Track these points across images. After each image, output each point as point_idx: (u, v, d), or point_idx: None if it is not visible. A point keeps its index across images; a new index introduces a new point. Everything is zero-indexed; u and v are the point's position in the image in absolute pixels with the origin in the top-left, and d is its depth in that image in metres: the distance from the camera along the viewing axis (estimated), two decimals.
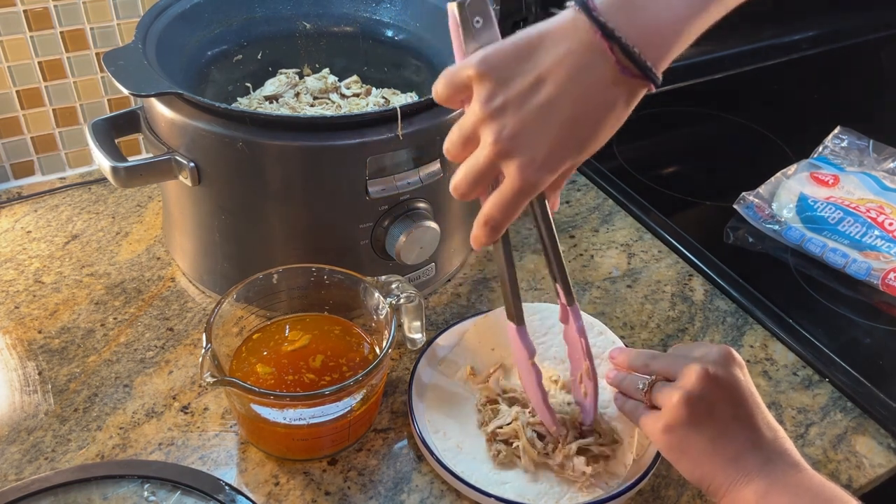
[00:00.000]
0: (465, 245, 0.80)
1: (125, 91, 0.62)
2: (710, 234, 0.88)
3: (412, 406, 0.63)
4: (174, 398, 0.66)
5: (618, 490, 0.58)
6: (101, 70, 0.86)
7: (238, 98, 0.81)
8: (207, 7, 0.77)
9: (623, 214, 0.90)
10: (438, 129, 0.64)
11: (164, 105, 0.65)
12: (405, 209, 0.68)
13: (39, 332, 0.71)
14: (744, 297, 0.79)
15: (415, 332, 0.67)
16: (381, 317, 0.63)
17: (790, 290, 0.81)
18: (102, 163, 0.65)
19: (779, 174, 0.93)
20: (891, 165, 0.94)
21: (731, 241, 0.88)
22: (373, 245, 0.69)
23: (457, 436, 0.62)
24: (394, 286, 0.63)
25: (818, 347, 0.74)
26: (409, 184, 0.66)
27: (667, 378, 0.56)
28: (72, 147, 0.90)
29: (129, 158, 0.65)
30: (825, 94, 1.22)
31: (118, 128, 0.70)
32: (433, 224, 0.68)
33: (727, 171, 1.03)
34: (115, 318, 0.73)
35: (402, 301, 0.62)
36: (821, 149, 0.98)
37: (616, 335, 0.69)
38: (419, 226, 0.67)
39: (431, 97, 0.51)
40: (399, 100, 0.81)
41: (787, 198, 0.89)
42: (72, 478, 0.54)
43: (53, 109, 0.87)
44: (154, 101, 0.66)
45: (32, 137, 0.88)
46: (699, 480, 0.53)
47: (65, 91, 0.86)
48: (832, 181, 0.90)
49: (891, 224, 0.83)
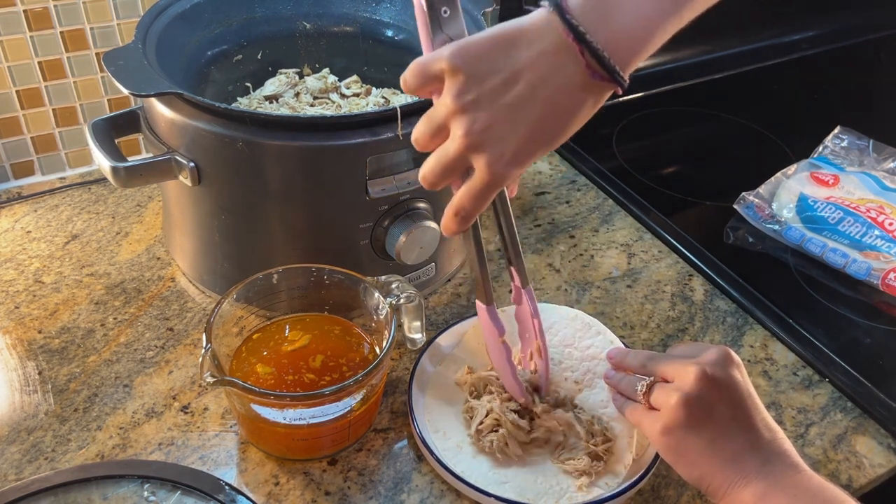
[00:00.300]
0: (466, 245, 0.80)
1: (125, 91, 0.61)
2: (710, 234, 0.88)
3: (412, 406, 0.63)
4: (174, 398, 0.66)
5: (618, 490, 0.58)
6: (101, 70, 0.86)
7: (238, 98, 0.81)
8: (207, 7, 0.77)
9: (623, 214, 0.90)
10: None
11: (164, 105, 0.65)
12: (405, 209, 0.68)
13: (39, 332, 0.71)
14: (744, 297, 0.79)
15: (415, 332, 0.67)
16: (381, 317, 0.63)
17: (790, 290, 0.81)
18: (102, 163, 0.65)
19: (779, 174, 0.93)
20: (891, 165, 0.94)
21: (731, 241, 0.88)
22: (373, 245, 0.69)
23: (457, 436, 0.62)
24: (394, 286, 0.63)
25: (818, 347, 0.74)
26: (409, 184, 0.67)
27: (665, 379, 0.56)
28: (72, 147, 0.90)
29: (129, 158, 0.65)
30: (825, 94, 1.22)
31: (118, 128, 0.70)
32: (433, 224, 0.68)
33: (727, 171, 1.03)
34: (115, 318, 0.73)
35: (402, 301, 0.62)
36: (821, 149, 0.98)
37: (616, 335, 0.69)
38: (419, 226, 0.67)
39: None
40: (399, 100, 0.81)
41: (787, 198, 0.89)
42: (72, 478, 0.54)
43: (53, 109, 0.87)
44: (154, 101, 0.66)
45: (32, 137, 0.88)
46: (698, 481, 0.53)
47: (65, 91, 0.87)
48: (832, 181, 0.90)
49: (891, 224, 0.83)
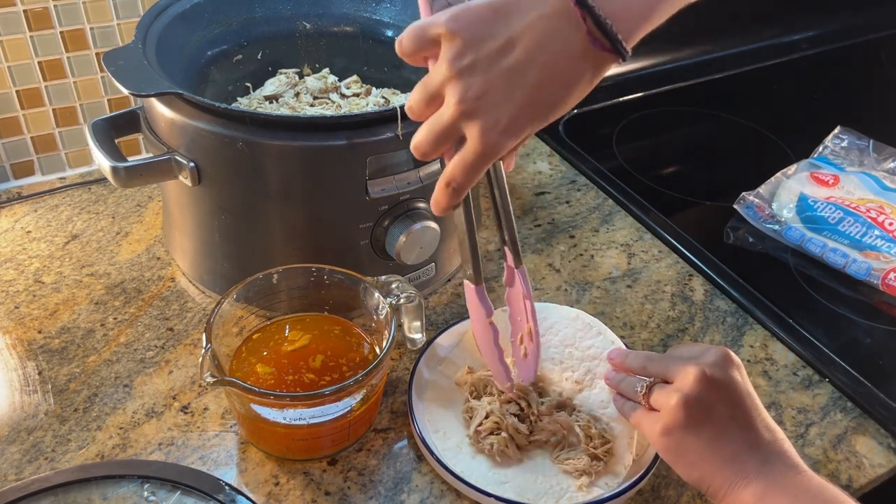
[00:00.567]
0: None
1: (125, 91, 0.62)
2: (710, 234, 0.88)
3: (412, 406, 0.63)
4: (174, 398, 0.66)
5: (618, 490, 0.58)
6: (101, 70, 0.86)
7: (238, 98, 0.81)
8: (207, 7, 0.77)
9: (623, 214, 0.90)
10: None
11: (164, 105, 0.65)
12: (405, 209, 0.68)
13: (39, 332, 0.71)
14: (744, 297, 0.79)
15: (415, 332, 0.67)
16: (381, 317, 0.63)
17: (790, 290, 0.81)
18: (102, 163, 0.65)
19: (779, 174, 0.93)
20: (891, 165, 0.94)
21: (731, 241, 0.88)
22: (373, 245, 0.69)
23: (457, 436, 0.62)
24: (394, 286, 0.63)
25: (818, 347, 0.74)
26: (409, 184, 0.67)
27: (664, 380, 0.56)
28: (72, 147, 0.90)
29: (129, 158, 0.65)
30: (825, 94, 1.22)
31: (118, 128, 0.70)
32: (433, 224, 0.68)
33: (727, 171, 1.03)
34: (115, 318, 0.73)
35: (402, 301, 0.62)
36: (821, 149, 0.98)
37: (616, 335, 0.69)
38: (419, 226, 0.67)
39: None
40: (399, 100, 0.81)
41: (787, 198, 0.89)
42: (72, 478, 0.54)
43: (53, 109, 0.87)
44: (154, 101, 0.66)
45: (32, 137, 0.88)
46: (698, 482, 0.53)
47: (65, 91, 0.87)
48: (832, 181, 0.90)
49: (891, 224, 0.83)
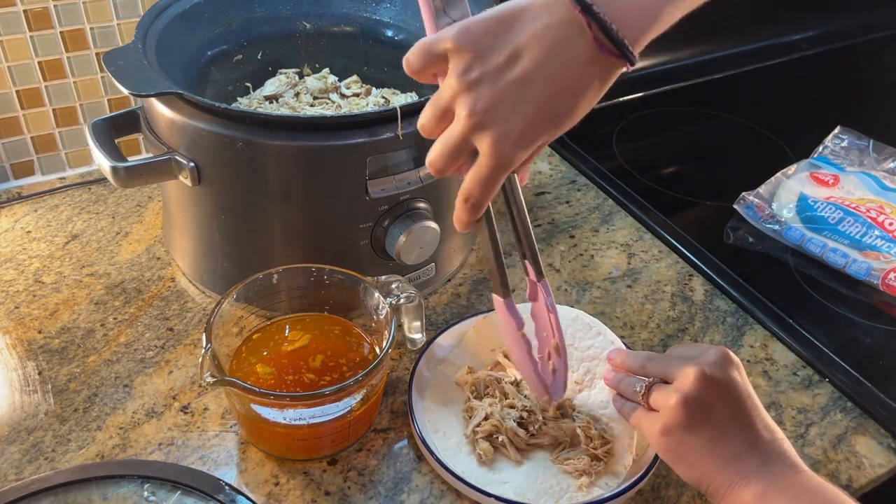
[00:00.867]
0: (465, 245, 0.80)
1: (125, 91, 0.62)
2: (710, 234, 0.88)
3: (412, 406, 0.63)
4: (174, 398, 0.66)
5: (618, 490, 0.58)
6: (101, 70, 0.86)
7: (238, 98, 0.81)
8: (207, 7, 0.77)
9: (623, 214, 0.90)
10: None
11: (164, 105, 0.65)
12: (405, 209, 0.68)
13: (39, 332, 0.71)
14: (744, 297, 0.79)
15: (415, 332, 0.67)
16: (381, 317, 0.63)
17: (790, 290, 0.81)
18: (102, 163, 0.65)
19: (779, 174, 0.93)
20: (891, 165, 0.94)
21: (731, 241, 0.88)
22: (373, 245, 0.69)
23: (457, 436, 0.63)
24: (394, 286, 0.63)
25: (818, 347, 0.74)
26: (409, 184, 0.66)
27: (664, 380, 0.56)
28: (72, 147, 0.90)
29: (129, 158, 0.65)
30: (825, 94, 1.22)
31: (118, 128, 0.70)
32: (433, 224, 0.68)
33: (727, 171, 1.03)
34: (115, 318, 0.73)
35: (402, 301, 0.62)
36: (821, 149, 0.98)
37: (616, 335, 0.69)
38: (419, 226, 0.67)
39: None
40: (399, 100, 0.81)
41: (787, 198, 0.89)
42: (72, 478, 0.54)
43: (53, 109, 0.87)
44: (154, 101, 0.66)
45: (32, 137, 0.88)
46: (697, 482, 0.53)
47: (65, 91, 0.87)
48: (832, 181, 0.90)
49: (891, 224, 0.83)
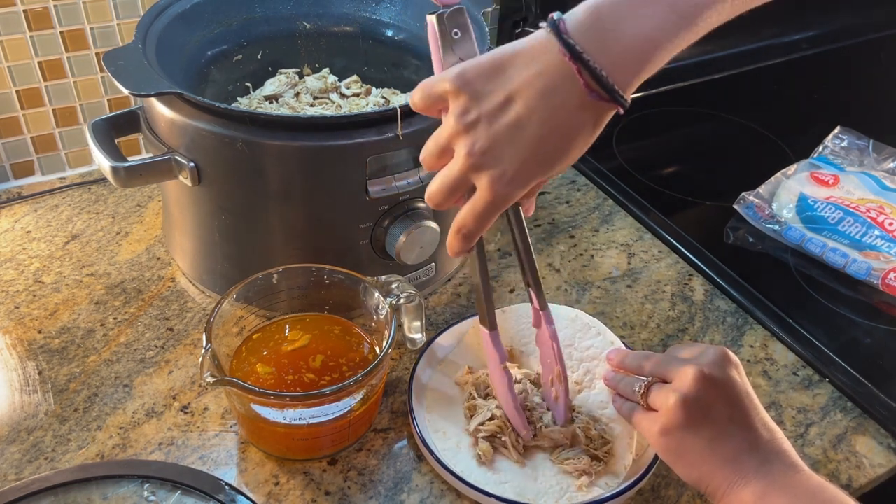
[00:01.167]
0: None
1: (125, 91, 0.61)
2: (710, 234, 0.88)
3: (412, 406, 0.63)
4: (174, 398, 0.66)
5: (618, 490, 0.58)
6: (101, 70, 0.86)
7: (238, 98, 0.81)
8: (207, 7, 0.77)
9: (623, 214, 0.90)
10: None
11: (164, 105, 0.65)
12: (405, 209, 0.68)
13: (39, 332, 0.71)
14: (744, 297, 0.79)
15: (415, 332, 0.67)
16: (381, 317, 0.63)
17: (790, 290, 0.81)
18: (102, 163, 0.65)
19: (779, 174, 0.93)
20: (891, 165, 0.94)
21: (731, 241, 0.88)
22: (373, 245, 0.69)
23: (456, 435, 0.63)
24: (394, 286, 0.63)
25: (818, 347, 0.74)
26: (409, 184, 0.67)
27: (663, 380, 0.56)
28: (72, 147, 0.90)
29: (129, 158, 0.65)
30: (825, 94, 1.22)
31: (118, 128, 0.70)
32: (433, 224, 0.68)
33: (727, 171, 1.03)
34: (115, 318, 0.73)
35: (402, 301, 0.62)
36: (821, 149, 0.98)
37: (616, 335, 0.69)
38: (419, 226, 0.67)
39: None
40: (399, 100, 0.81)
41: (787, 198, 0.89)
42: (72, 478, 0.54)
43: (53, 109, 0.87)
44: (154, 101, 0.66)
45: (32, 137, 0.88)
46: (697, 482, 0.53)
47: (65, 91, 0.87)
48: (832, 181, 0.90)
49: (891, 224, 0.83)
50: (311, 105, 0.79)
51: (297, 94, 0.81)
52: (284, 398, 0.58)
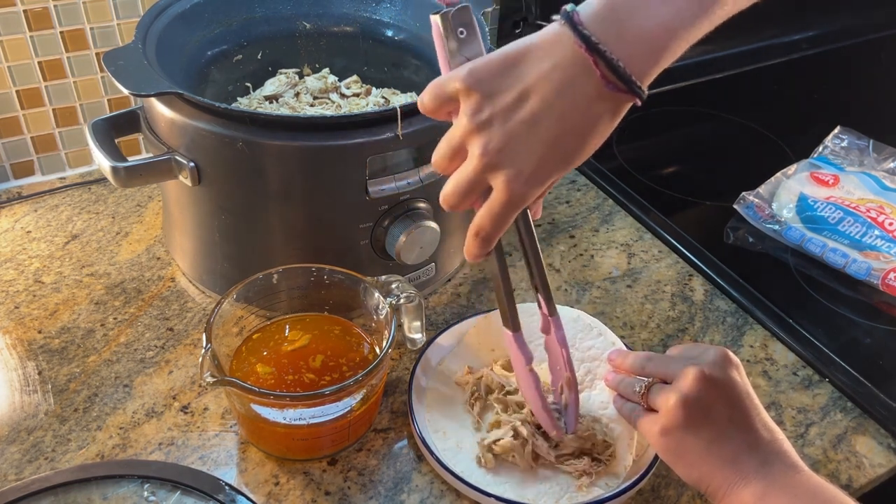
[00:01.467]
0: None
1: (125, 91, 0.61)
2: (710, 234, 0.88)
3: (412, 406, 0.63)
4: (174, 398, 0.66)
5: (618, 490, 0.58)
6: (101, 70, 0.86)
7: (238, 98, 0.81)
8: (207, 7, 0.77)
9: (623, 214, 0.90)
10: (438, 129, 0.64)
11: (164, 105, 0.65)
12: (405, 209, 0.68)
13: (39, 332, 0.71)
14: (744, 297, 0.79)
15: (415, 332, 0.67)
16: (381, 317, 0.63)
17: (790, 290, 0.81)
18: (102, 163, 0.65)
19: (779, 174, 0.93)
20: (891, 165, 0.94)
21: (731, 241, 0.88)
22: (373, 245, 0.69)
23: (456, 435, 0.63)
24: (394, 286, 0.63)
25: (818, 347, 0.74)
26: (409, 184, 0.67)
27: (664, 380, 0.57)
28: (72, 147, 0.90)
29: (129, 158, 0.65)
30: (825, 94, 1.22)
31: (118, 128, 0.70)
32: (433, 224, 0.68)
33: (727, 171, 1.03)
34: (115, 318, 0.73)
35: (402, 301, 0.62)
36: (821, 149, 0.98)
37: (616, 335, 0.69)
38: (419, 226, 0.67)
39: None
40: (399, 100, 0.81)
41: (787, 198, 0.89)
42: (72, 478, 0.54)
43: (53, 109, 0.87)
44: (154, 101, 0.66)
45: (32, 137, 0.88)
46: (697, 482, 0.53)
47: (65, 91, 0.87)
48: (832, 181, 0.90)
49: (891, 224, 0.83)
50: (311, 105, 0.79)
51: (297, 94, 0.81)
52: (284, 398, 0.58)
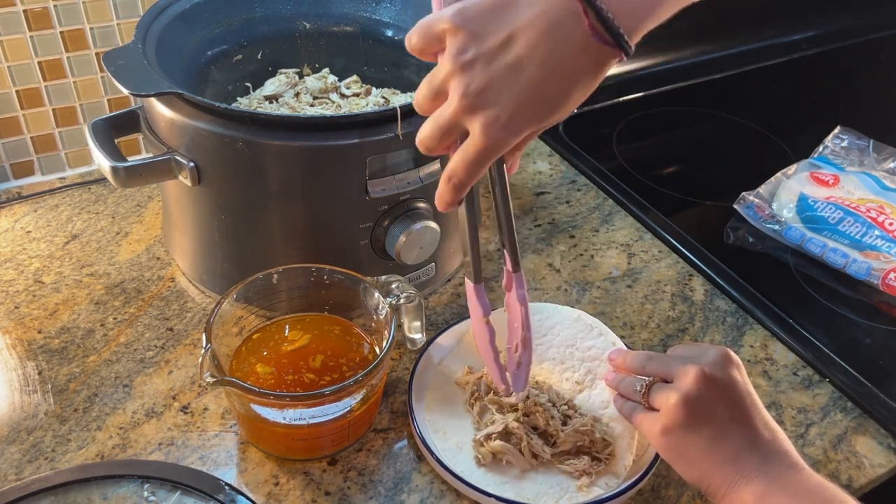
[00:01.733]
0: None
1: (125, 91, 0.62)
2: (710, 234, 0.88)
3: (412, 406, 0.63)
4: (174, 398, 0.66)
5: (618, 490, 0.58)
6: (101, 70, 0.86)
7: (238, 98, 0.81)
8: (207, 7, 0.77)
9: (623, 214, 0.90)
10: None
11: (164, 105, 0.65)
12: (405, 209, 0.68)
13: (39, 332, 0.71)
14: (744, 297, 0.79)
15: (415, 332, 0.67)
16: (381, 317, 0.63)
17: (790, 290, 0.81)
18: (102, 163, 0.65)
19: (779, 174, 0.93)
20: (891, 165, 0.94)
21: (731, 241, 0.88)
22: (373, 245, 0.69)
23: (456, 436, 0.62)
24: (394, 286, 0.63)
25: (818, 347, 0.74)
26: (409, 184, 0.67)
27: (664, 379, 0.57)
28: (72, 147, 0.90)
29: (129, 158, 0.65)
30: (825, 94, 1.22)
31: (118, 128, 0.70)
32: (433, 224, 0.68)
33: (727, 171, 1.03)
34: (115, 318, 0.73)
35: (402, 301, 0.62)
36: (821, 149, 0.98)
37: (616, 335, 0.69)
38: (419, 226, 0.67)
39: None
40: (399, 100, 0.81)
41: (788, 198, 0.89)
42: (72, 478, 0.54)
43: (53, 109, 0.87)
44: (154, 101, 0.66)
45: (32, 137, 0.88)
46: (697, 482, 0.53)
47: (65, 91, 0.87)
48: (832, 181, 0.90)
49: (891, 224, 0.83)
50: (311, 105, 0.79)
51: (297, 94, 0.81)
52: (284, 398, 0.58)
